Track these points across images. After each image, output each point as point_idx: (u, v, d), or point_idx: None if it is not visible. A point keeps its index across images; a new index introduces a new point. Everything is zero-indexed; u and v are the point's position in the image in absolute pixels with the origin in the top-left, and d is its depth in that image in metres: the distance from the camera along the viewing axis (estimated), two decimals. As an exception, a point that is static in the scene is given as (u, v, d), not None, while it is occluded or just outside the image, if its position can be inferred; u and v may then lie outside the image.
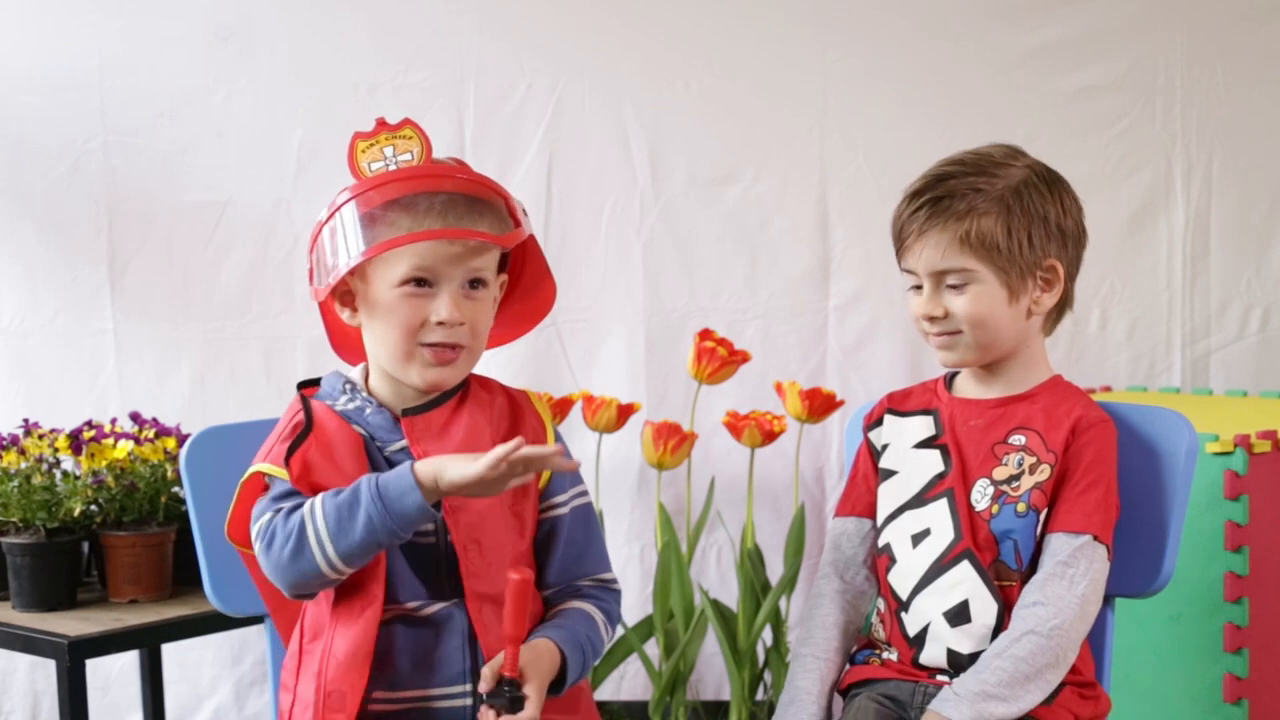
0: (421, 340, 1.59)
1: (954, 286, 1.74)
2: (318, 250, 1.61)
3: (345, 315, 1.63)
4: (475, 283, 1.61)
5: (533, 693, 1.52)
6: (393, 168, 1.59)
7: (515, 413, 1.68)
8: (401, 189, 1.57)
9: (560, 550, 1.67)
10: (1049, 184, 1.77)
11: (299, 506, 1.54)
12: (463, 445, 1.61)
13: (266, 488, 1.60)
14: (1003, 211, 1.73)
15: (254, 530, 1.57)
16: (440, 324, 1.58)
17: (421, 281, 1.58)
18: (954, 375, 1.87)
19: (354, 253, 1.55)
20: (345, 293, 1.62)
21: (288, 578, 1.53)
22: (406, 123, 1.61)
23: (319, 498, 1.53)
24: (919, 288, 1.78)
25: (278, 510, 1.55)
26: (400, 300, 1.58)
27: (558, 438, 1.70)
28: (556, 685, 1.58)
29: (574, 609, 1.65)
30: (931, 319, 1.76)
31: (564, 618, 1.64)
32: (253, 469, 1.60)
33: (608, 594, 1.69)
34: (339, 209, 1.58)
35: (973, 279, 1.73)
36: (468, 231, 1.57)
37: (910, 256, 1.77)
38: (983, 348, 1.76)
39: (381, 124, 1.61)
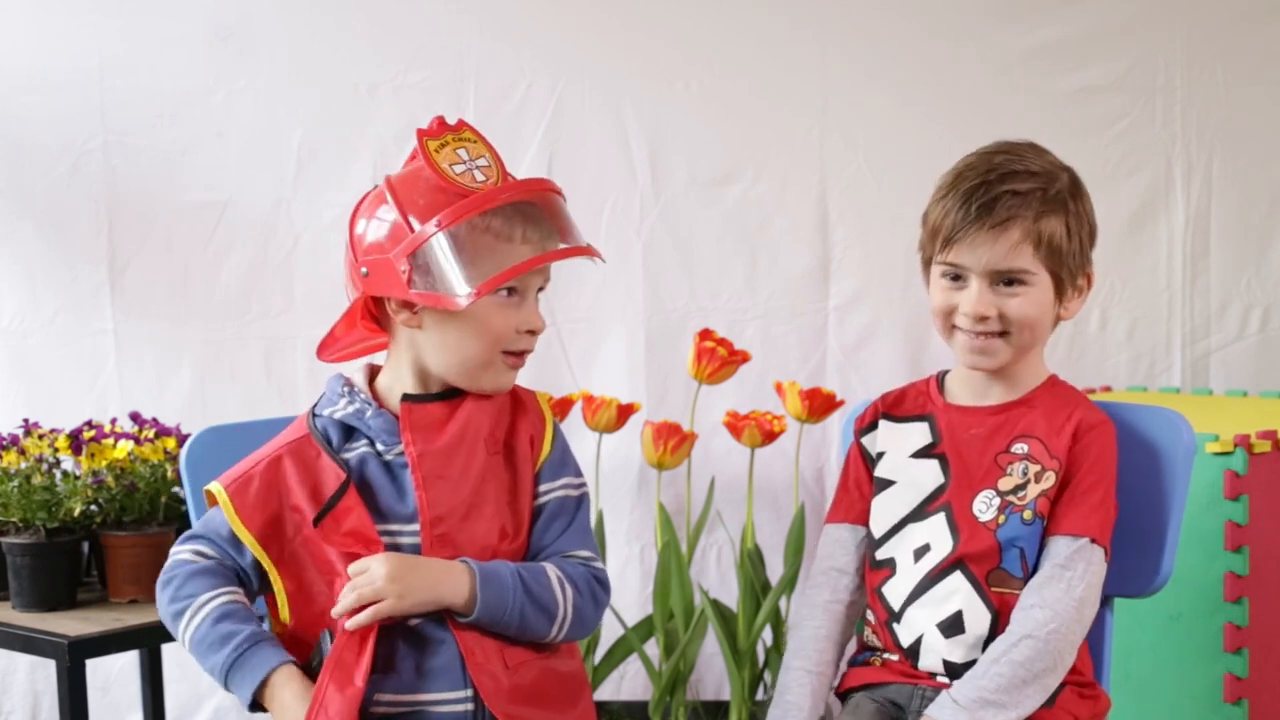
0: (507, 348, 1.62)
1: (1010, 287, 1.71)
2: (425, 257, 1.56)
3: (402, 317, 1.61)
4: (541, 288, 1.66)
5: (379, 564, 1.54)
6: (478, 174, 1.58)
7: (515, 410, 1.69)
8: (507, 200, 1.57)
9: (534, 536, 1.66)
10: (1082, 185, 1.76)
11: (198, 574, 1.62)
12: (457, 440, 1.62)
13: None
14: (1064, 213, 1.71)
15: (168, 560, 1.65)
16: (530, 333, 1.63)
17: (512, 291, 1.61)
18: (945, 375, 1.85)
19: (478, 270, 1.55)
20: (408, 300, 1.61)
21: (165, 624, 1.65)
22: (463, 124, 1.62)
23: (204, 607, 1.59)
24: (957, 280, 1.72)
25: (182, 564, 1.64)
26: (493, 310, 1.60)
27: (557, 435, 1.70)
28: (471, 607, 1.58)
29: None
30: (982, 318, 1.71)
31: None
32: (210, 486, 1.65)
33: (577, 565, 1.66)
34: (456, 221, 1.55)
35: (1031, 280, 1.70)
36: (590, 250, 1.62)
37: (963, 250, 1.70)
38: (1020, 351, 1.73)
39: (441, 123, 1.61)
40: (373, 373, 1.70)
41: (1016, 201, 1.69)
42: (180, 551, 1.65)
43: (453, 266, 1.55)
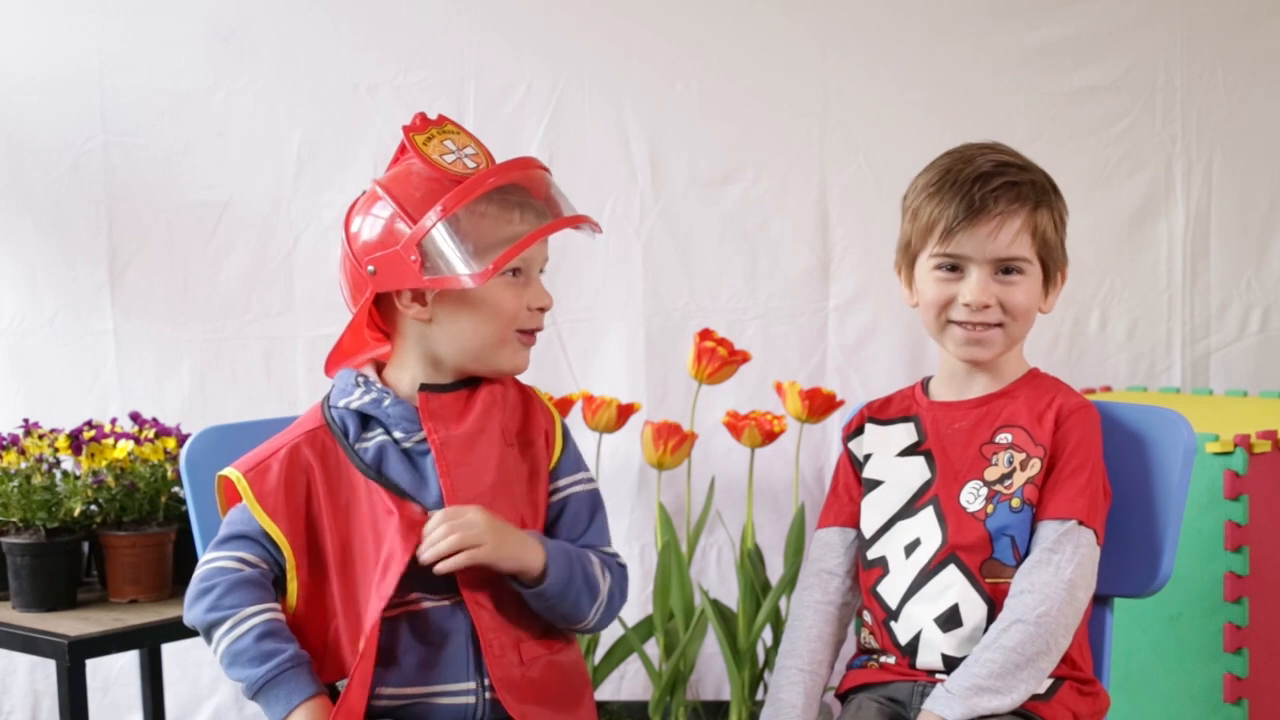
0: (520, 327, 1.65)
1: (1008, 275, 1.73)
2: (434, 244, 1.58)
3: (413, 311, 1.63)
4: (541, 269, 1.68)
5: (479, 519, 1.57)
6: (468, 161, 1.62)
7: (526, 405, 1.71)
8: (503, 178, 1.61)
9: (560, 533, 1.69)
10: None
11: (241, 584, 1.59)
12: (476, 429, 1.64)
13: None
14: (1050, 206, 1.76)
15: (200, 567, 1.62)
16: (541, 309, 1.66)
17: (517, 271, 1.63)
18: (929, 379, 1.86)
19: (485, 251, 1.57)
20: (418, 291, 1.62)
21: (196, 628, 1.61)
22: (444, 119, 1.65)
23: (249, 620, 1.57)
24: (954, 271, 1.74)
25: (224, 572, 1.60)
26: (502, 291, 1.63)
27: (567, 432, 1.73)
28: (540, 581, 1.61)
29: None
30: (984, 306, 1.72)
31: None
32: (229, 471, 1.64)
33: (608, 556, 1.70)
34: (460, 203, 1.58)
35: (1027, 270, 1.74)
36: (586, 218, 1.65)
37: (964, 241, 1.72)
38: (1011, 342, 1.76)
39: (424, 118, 1.64)
40: (379, 367, 1.71)
41: (1015, 192, 1.73)
42: (218, 558, 1.62)
43: (462, 248, 1.58)
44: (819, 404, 3.02)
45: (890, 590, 1.76)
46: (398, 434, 1.64)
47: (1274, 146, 3.33)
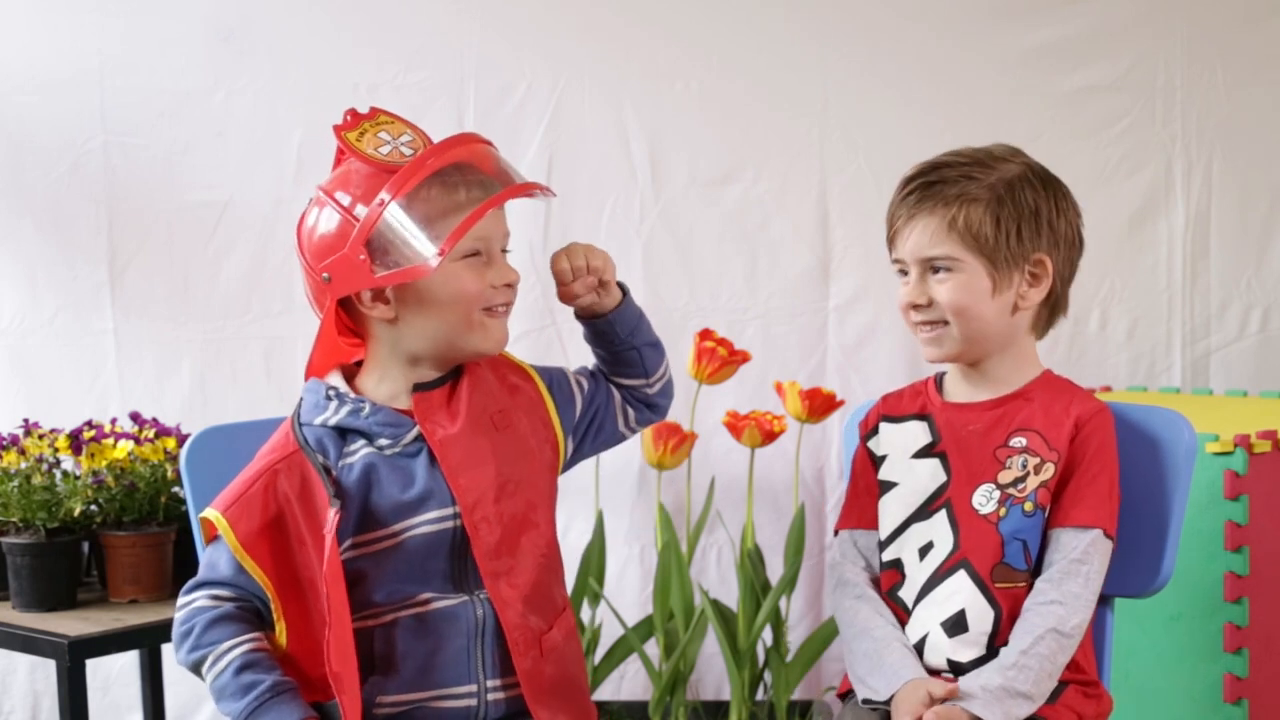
0: (485, 305, 1.61)
1: (939, 274, 1.75)
2: (380, 238, 1.54)
3: (378, 312, 1.59)
4: (505, 250, 1.66)
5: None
6: (405, 149, 1.58)
7: (504, 382, 1.70)
8: (439, 160, 1.57)
9: (599, 399, 1.80)
10: (1044, 182, 1.77)
11: (218, 620, 1.56)
12: (471, 423, 1.62)
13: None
14: (993, 201, 1.73)
15: (179, 610, 1.59)
16: (507, 285, 1.63)
17: (476, 253, 1.60)
18: (943, 375, 1.86)
19: (436, 233, 1.54)
20: (379, 290, 1.59)
21: (188, 669, 1.59)
22: (376, 111, 1.62)
23: (226, 655, 1.55)
24: (905, 274, 1.79)
25: (201, 611, 1.58)
26: (463, 273, 1.59)
27: (539, 370, 1.75)
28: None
29: None
30: (916, 306, 1.76)
31: None
32: (207, 514, 1.60)
33: None
34: (399, 193, 1.54)
35: (958, 267, 1.73)
36: (537, 185, 1.62)
37: (899, 243, 1.78)
38: (968, 340, 1.75)
39: (354, 114, 1.62)
40: (348, 374, 1.67)
41: (929, 192, 1.75)
42: (195, 599, 1.58)
43: (411, 236, 1.54)
44: (819, 404, 3.02)
45: (908, 594, 1.77)
46: (383, 441, 1.60)
47: (1274, 146, 3.33)
